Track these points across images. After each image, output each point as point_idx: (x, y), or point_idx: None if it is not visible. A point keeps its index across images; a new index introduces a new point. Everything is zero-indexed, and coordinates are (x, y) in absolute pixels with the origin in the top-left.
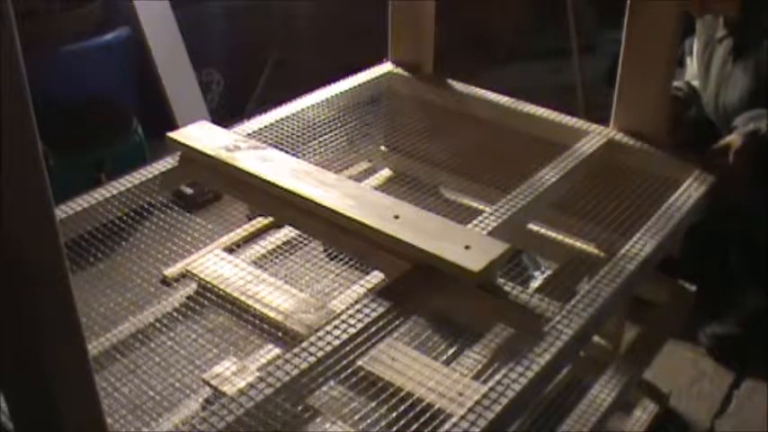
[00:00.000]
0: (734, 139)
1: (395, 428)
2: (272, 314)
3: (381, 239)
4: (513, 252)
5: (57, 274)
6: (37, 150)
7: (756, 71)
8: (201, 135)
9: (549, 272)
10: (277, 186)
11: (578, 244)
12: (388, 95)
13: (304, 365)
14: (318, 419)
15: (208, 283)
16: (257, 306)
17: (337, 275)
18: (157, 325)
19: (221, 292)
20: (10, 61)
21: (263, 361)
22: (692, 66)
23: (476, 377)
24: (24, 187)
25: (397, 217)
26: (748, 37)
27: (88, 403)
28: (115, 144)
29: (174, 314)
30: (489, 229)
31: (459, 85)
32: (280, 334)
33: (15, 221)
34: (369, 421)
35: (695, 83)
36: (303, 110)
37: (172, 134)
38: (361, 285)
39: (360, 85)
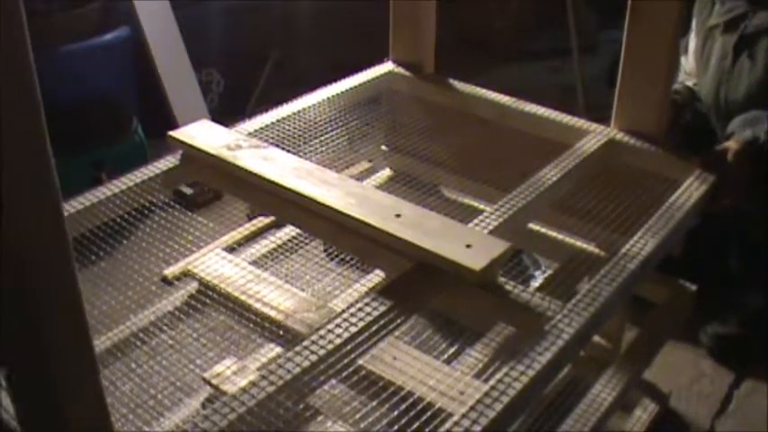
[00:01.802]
0: (731, 144)
1: (396, 427)
2: (272, 313)
3: (382, 238)
4: (514, 251)
5: (63, 273)
6: (46, 148)
7: (765, 62)
8: (203, 134)
9: (549, 271)
10: (278, 185)
11: (578, 243)
12: (388, 95)
13: (305, 364)
14: (319, 418)
15: (208, 282)
16: (258, 305)
17: (338, 274)
18: (158, 324)
19: (222, 292)
20: (19, 60)
21: (264, 360)
22: (687, 62)
23: (477, 376)
24: (32, 185)
25: (398, 216)
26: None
27: (94, 402)
28: (115, 144)
29: (175, 313)
30: (490, 228)
31: (459, 85)
32: (281, 333)
33: (23, 219)
34: (370, 420)
35: (690, 83)
36: (304, 109)
37: (173, 133)
38: (362, 284)
39: (360, 85)
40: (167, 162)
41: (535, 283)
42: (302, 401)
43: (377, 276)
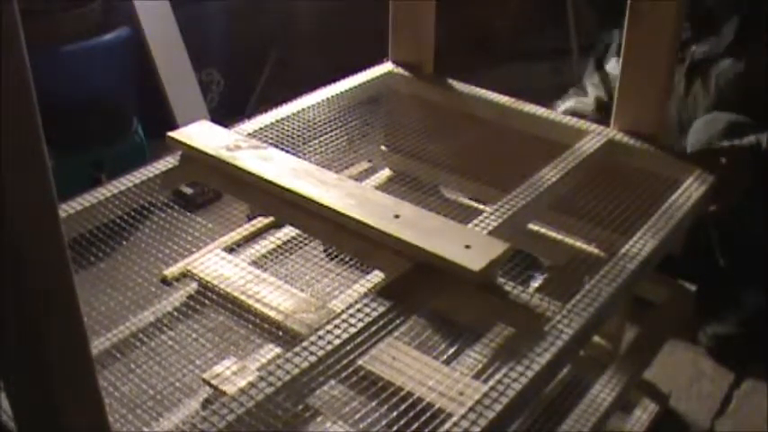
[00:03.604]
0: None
1: (395, 428)
2: (272, 314)
3: (382, 239)
4: (513, 252)
5: (60, 274)
6: (42, 149)
7: (717, 88)
8: (202, 134)
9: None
10: (278, 186)
11: (578, 244)
12: (388, 95)
13: (304, 365)
14: (319, 419)
15: (208, 282)
16: (257, 306)
17: (337, 275)
18: (157, 325)
19: (221, 292)
20: (15, 60)
21: (264, 360)
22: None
23: (476, 376)
24: (28, 186)
25: (397, 216)
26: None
27: (91, 403)
28: (115, 144)
29: (175, 314)
30: (489, 228)
31: (459, 85)
32: (280, 333)
33: (19, 221)
34: (369, 420)
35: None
36: (303, 110)
37: (172, 134)
38: (362, 285)
39: (360, 85)
40: (167, 162)
41: (535, 284)
42: (301, 402)
43: (376, 277)
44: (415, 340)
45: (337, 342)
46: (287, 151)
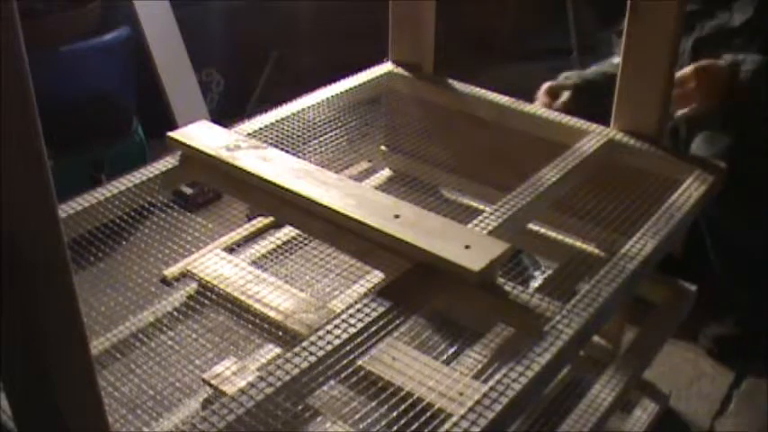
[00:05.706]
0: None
1: (395, 428)
2: (272, 314)
3: (382, 239)
4: (513, 252)
5: (60, 274)
6: (41, 149)
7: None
8: (202, 134)
9: (549, 272)
10: (277, 186)
11: (578, 244)
12: (388, 95)
13: (304, 365)
14: (319, 419)
15: (208, 282)
16: (257, 306)
17: (337, 275)
18: (157, 325)
19: (221, 292)
20: (14, 60)
21: (264, 361)
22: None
23: (476, 377)
24: (27, 186)
25: (397, 216)
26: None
27: (91, 403)
28: (115, 144)
29: (174, 314)
30: (489, 228)
31: (459, 85)
32: (280, 333)
33: (18, 221)
34: (369, 421)
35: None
36: (303, 110)
37: (172, 134)
38: (362, 285)
39: (360, 85)
40: (167, 163)
41: (535, 284)
42: (301, 402)
43: (376, 277)
44: (415, 340)
45: (337, 342)
46: (287, 151)
